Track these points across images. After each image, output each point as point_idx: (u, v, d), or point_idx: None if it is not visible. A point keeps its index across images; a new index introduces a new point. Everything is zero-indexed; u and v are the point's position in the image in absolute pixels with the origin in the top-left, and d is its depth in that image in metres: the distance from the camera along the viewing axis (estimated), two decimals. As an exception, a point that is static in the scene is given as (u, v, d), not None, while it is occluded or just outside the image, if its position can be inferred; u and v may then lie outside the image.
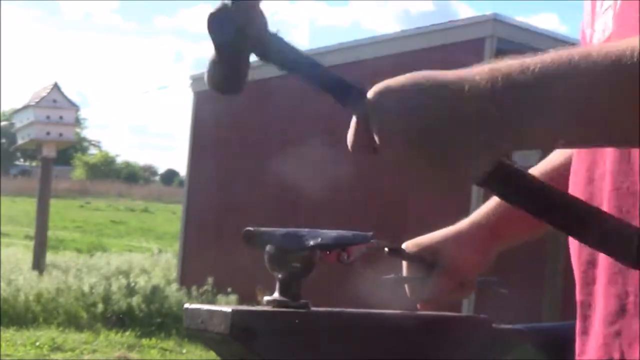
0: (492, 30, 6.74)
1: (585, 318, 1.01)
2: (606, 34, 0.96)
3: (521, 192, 0.84)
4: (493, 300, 1.62)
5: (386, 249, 1.21)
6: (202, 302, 2.61)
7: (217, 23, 0.89)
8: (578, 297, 1.02)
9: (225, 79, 0.92)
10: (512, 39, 6.68)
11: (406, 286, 1.26)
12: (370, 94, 0.85)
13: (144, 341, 7.48)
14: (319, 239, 1.02)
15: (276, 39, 0.91)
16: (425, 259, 1.25)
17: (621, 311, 0.93)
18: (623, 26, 0.92)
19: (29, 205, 19.44)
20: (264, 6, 0.89)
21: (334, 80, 0.89)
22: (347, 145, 0.87)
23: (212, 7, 0.89)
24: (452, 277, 1.24)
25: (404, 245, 1.26)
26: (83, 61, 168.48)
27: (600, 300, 0.97)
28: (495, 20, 6.84)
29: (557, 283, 6.04)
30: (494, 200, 1.27)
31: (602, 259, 0.97)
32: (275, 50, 0.90)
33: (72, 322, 7.89)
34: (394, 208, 7.11)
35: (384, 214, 7.13)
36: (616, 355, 0.94)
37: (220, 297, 8.42)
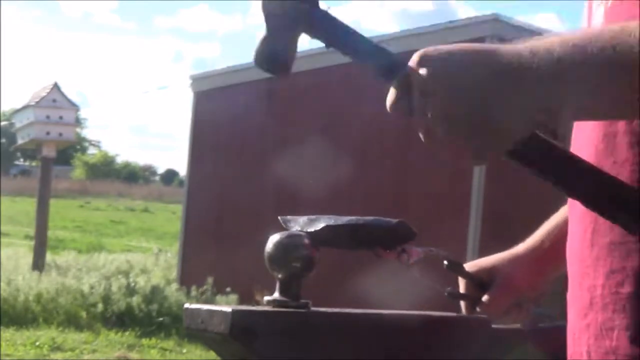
0: (492, 30, 6.74)
1: (568, 312, 1.03)
2: None
3: (554, 163, 0.85)
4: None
5: (445, 262, 1.22)
6: (202, 302, 2.61)
7: None
8: (569, 292, 1.04)
9: (274, 54, 0.91)
10: (512, 39, 6.67)
11: (462, 303, 1.27)
12: (413, 62, 0.86)
13: (144, 341, 7.48)
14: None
15: (325, 14, 0.93)
16: (482, 279, 1.26)
17: (590, 304, 0.95)
18: (612, 21, 0.93)
19: (29, 205, 19.43)
20: None
21: (380, 54, 0.91)
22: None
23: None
24: (507, 295, 1.25)
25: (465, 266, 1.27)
26: (83, 61, 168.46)
27: (577, 293, 0.99)
28: (495, 20, 6.84)
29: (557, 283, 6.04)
30: (549, 224, 1.28)
31: (578, 253, 0.99)
32: (322, 26, 0.92)
33: (71, 322, 7.89)
34: (393, 211, 7.10)
35: (384, 216, 7.12)
36: (584, 348, 0.96)
37: (220, 297, 8.41)
